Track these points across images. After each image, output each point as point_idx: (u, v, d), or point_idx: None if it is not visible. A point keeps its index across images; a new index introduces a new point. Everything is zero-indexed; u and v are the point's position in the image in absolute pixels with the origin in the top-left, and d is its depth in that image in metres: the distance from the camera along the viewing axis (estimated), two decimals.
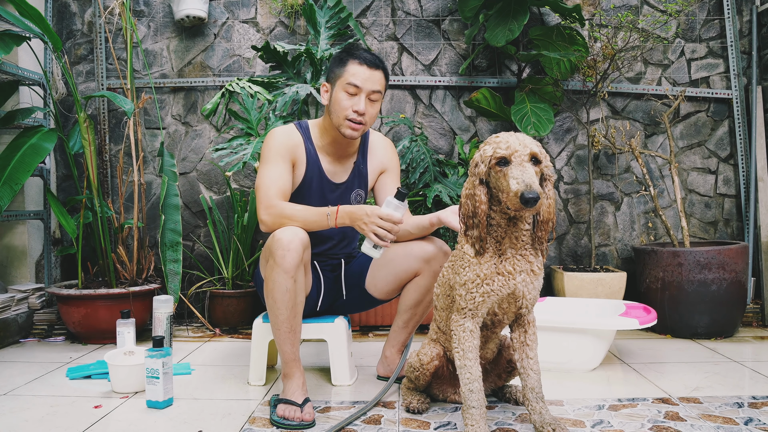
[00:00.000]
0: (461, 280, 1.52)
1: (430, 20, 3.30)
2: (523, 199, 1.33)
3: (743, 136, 3.25)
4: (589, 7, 3.29)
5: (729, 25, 3.28)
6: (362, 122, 1.89)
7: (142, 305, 2.75)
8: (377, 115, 1.94)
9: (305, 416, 1.66)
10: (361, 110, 1.86)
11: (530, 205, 1.33)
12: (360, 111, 1.86)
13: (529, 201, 1.33)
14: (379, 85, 1.90)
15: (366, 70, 1.87)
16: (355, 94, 1.87)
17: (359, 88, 1.86)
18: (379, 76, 1.89)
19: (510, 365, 1.80)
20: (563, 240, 3.30)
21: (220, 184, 3.29)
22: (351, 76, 1.86)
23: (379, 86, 1.89)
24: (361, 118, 1.88)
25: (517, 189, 1.35)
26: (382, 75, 1.90)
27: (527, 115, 2.83)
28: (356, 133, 1.90)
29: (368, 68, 1.87)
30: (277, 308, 1.74)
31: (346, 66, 1.88)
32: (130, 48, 2.96)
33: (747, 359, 2.35)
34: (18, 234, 3.01)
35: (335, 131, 1.94)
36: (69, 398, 1.93)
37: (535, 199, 1.32)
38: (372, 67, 1.88)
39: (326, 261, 2.09)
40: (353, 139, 1.92)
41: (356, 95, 1.87)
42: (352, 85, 1.86)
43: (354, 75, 1.86)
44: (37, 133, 2.63)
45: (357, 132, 1.90)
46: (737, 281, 2.69)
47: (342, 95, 1.88)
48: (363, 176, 2.06)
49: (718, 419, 1.67)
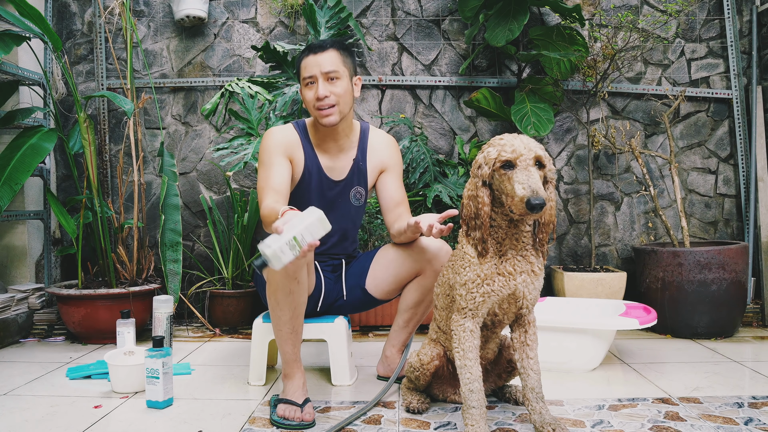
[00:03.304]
0: (462, 280, 1.52)
1: (430, 20, 3.30)
2: (529, 205, 1.33)
3: (743, 136, 3.25)
4: (589, 7, 3.29)
5: (729, 25, 3.28)
6: (330, 104, 1.88)
7: (142, 305, 2.75)
8: (349, 91, 1.92)
9: (305, 416, 1.66)
10: (320, 95, 1.86)
11: (536, 211, 1.33)
12: (320, 96, 1.86)
13: (536, 207, 1.33)
14: (331, 65, 1.88)
15: (311, 57, 1.89)
16: (313, 83, 1.90)
17: (312, 76, 1.89)
18: (327, 57, 1.88)
19: (510, 365, 1.80)
20: (563, 240, 3.30)
21: (220, 184, 3.29)
22: (303, 70, 1.92)
23: (330, 66, 1.88)
24: (326, 101, 1.87)
25: (523, 194, 1.35)
26: (332, 54, 1.89)
27: (527, 115, 2.83)
28: (332, 117, 1.89)
29: (313, 55, 1.89)
30: (279, 309, 1.74)
31: (301, 64, 1.93)
32: (130, 48, 2.96)
33: (747, 359, 2.35)
34: (18, 234, 3.01)
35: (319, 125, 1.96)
36: (69, 398, 1.92)
37: (541, 205, 1.32)
38: (317, 52, 1.89)
39: (327, 261, 2.09)
40: (333, 124, 1.91)
41: (314, 83, 1.89)
42: (306, 78, 1.90)
43: (304, 68, 1.91)
44: (37, 133, 2.63)
45: (332, 115, 1.89)
46: (737, 281, 2.69)
47: (305, 91, 1.92)
48: (362, 174, 2.05)
49: (718, 419, 1.67)
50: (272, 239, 1.43)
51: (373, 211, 2.98)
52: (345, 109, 1.92)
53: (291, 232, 1.44)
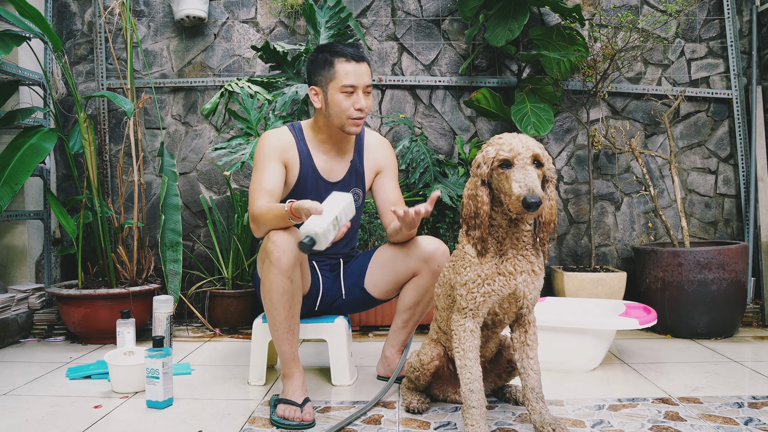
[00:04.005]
0: (462, 280, 1.52)
1: (430, 20, 3.30)
2: (525, 204, 1.34)
3: (743, 136, 3.25)
4: (589, 7, 3.29)
5: (729, 25, 3.28)
6: (363, 117, 1.93)
7: (142, 305, 2.75)
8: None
9: (305, 416, 1.66)
10: (363, 107, 1.90)
11: (532, 210, 1.34)
12: (362, 107, 1.90)
13: (531, 205, 1.33)
14: (369, 78, 1.93)
15: (355, 65, 1.89)
16: (352, 93, 1.90)
17: (354, 86, 1.89)
18: (366, 68, 1.92)
19: (510, 365, 1.80)
20: (563, 240, 3.30)
21: (220, 184, 3.29)
22: (344, 77, 1.88)
23: (369, 79, 1.93)
24: (363, 113, 1.92)
25: (520, 193, 1.35)
26: (367, 67, 1.94)
27: (527, 115, 2.83)
28: (359, 128, 1.95)
29: (356, 63, 1.90)
30: (274, 309, 1.75)
31: (335, 67, 1.89)
32: (130, 48, 2.96)
33: (747, 359, 2.35)
34: (18, 234, 3.01)
35: (333, 130, 1.96)
36: (69, 398, 1.93)
37: (537, 203, 1.33)
38: (359, 61, 1.91)
39: (325, 261, 2.09)
40: (355, 134, 1.97)
41: (354, 93, 1.90)
42: (347, 86, 1.88)
43: (347, 75, 1.88)
44: (37, 133, 2.63)
45: (359, 127, 1.95)
46: (737, 281, 2.69)
47: (340, 97, 1.90)
48: (360, 175, 2.06)
49: (718, 419, 1.67)
50: (316, 220, 1.53)
51: (373, 211, 2.98)
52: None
53: (333, 213, 1.56)
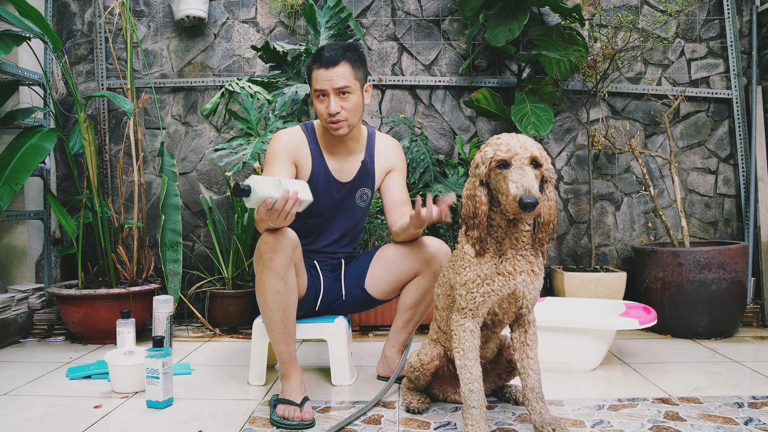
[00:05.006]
0: (462, 280, 1.52)
1: (430, 20, 3.30)
2: (521, 204, 1.34)
3: (743, 136, 3.25)
4: (589, 7, 3.29)
5: (729, 25, 3.28)
6: (340, 119, 1.89)
7: (142, 305, 2.75)
8: (360, 104, 1.93)
9: (305, 415, 1.66)
10: (332, 111, 1.87)
11: (528, 210, 1.34)
12: (331, 112, 1.87)
13: (528, 206, 1.33)
14: (343, 81, 1.87)
15: (324, 72, 1.86)
16: (324, 97, 1.89)
17: (323, 90, 1.88)
18: (340, 72, 1.86)
19: (510, 365, 1.80)
20: (563, 240, 3.30)
21: (220, 184, 3.29)
22: (315, 83, 1.89)
23: (343, 82, 1.86)
24: (336, 116, 1.89)
25: (516, 193, 1.36)
26: (344, 68, 1.87)
27: (527, 115, 2.83)
28: (342, 130, 1.91)
29: (325, 69, 1.86)
30: (269, 310, 1.75)
31: (312, 73, 1.91)
32: (130, 48, 2.96)
33: (747, 359, 2.35)
34: (18, 234, 3.01)
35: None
36: (69, 398, 1.93)
37: (533, 204, 1.33)
38: (329, 66, 1.86)
39: (326, 261, 2.10)
40: (342, 136, 1.94)
41: (326, 97, 1.89)
42: (318, 91, 1.89)
43: (316, 81, 1.88)
44: (37, 133, 2.63)
45: (341, 129, 1.91)
46: (737, 281, 2.69)
47: (316, 102, 1.92)
48: (370, 175, 2.08)
49: (718, 419, 1.67)
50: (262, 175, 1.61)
51: (373, 211, 2.98)
52: (355, 120, 1.93)
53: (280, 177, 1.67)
